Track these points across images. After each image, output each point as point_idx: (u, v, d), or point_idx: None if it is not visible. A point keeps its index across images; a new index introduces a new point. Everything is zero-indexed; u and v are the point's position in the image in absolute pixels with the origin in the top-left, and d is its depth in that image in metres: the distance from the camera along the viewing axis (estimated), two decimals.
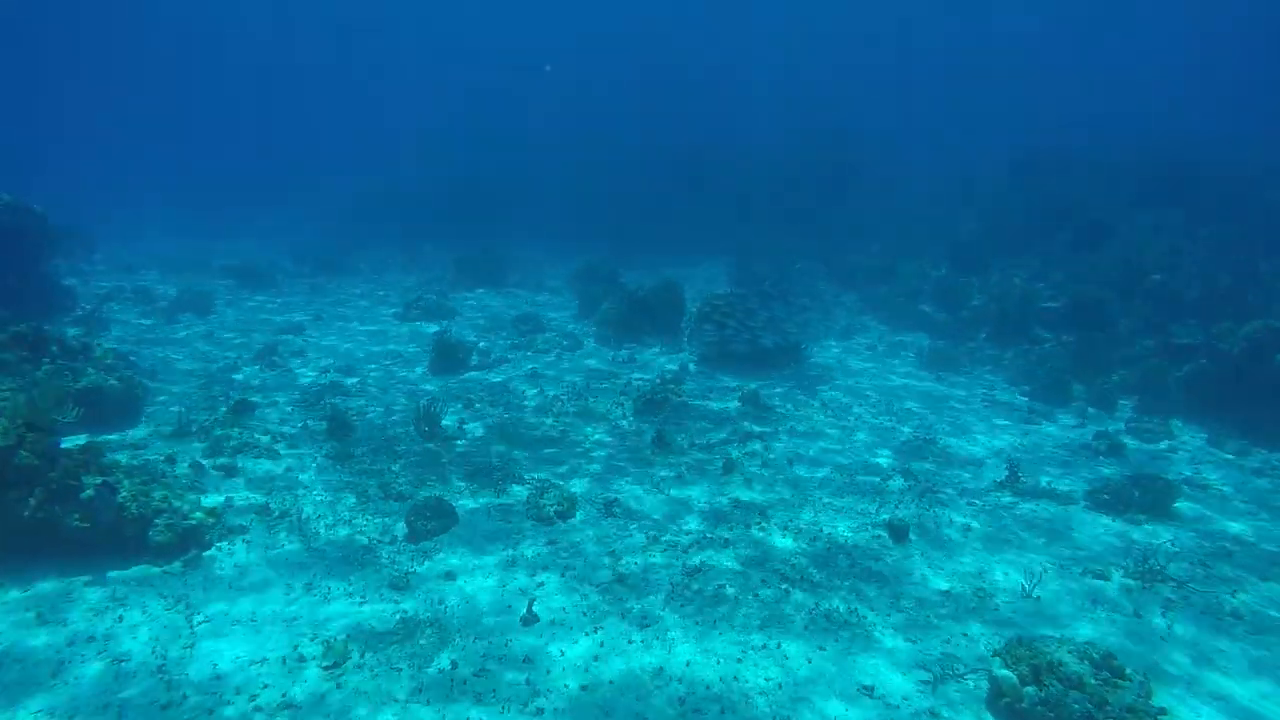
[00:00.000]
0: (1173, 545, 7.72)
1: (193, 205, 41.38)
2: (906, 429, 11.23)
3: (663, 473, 9.26)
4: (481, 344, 15.15)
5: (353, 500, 8.11)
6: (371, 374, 12.95)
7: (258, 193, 45.63)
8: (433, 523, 7.58)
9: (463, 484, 8.64)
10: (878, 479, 9.24)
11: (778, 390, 12.92)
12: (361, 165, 48.19)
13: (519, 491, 8.52)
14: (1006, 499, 8.86)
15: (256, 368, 12.91)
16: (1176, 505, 8.59)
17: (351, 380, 12.44)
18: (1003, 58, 64.80)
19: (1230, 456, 10.68)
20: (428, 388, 12.26)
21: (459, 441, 9.98)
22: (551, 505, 8.05)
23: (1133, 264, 16.27)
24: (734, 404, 12.00)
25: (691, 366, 14.19)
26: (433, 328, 16.50)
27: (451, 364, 13.25)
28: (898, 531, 7.64)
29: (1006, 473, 9.36)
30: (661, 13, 64.69)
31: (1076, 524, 8.24)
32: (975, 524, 8.10)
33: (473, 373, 13.26)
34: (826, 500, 8.57)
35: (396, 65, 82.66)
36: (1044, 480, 9.43)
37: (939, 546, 7.55)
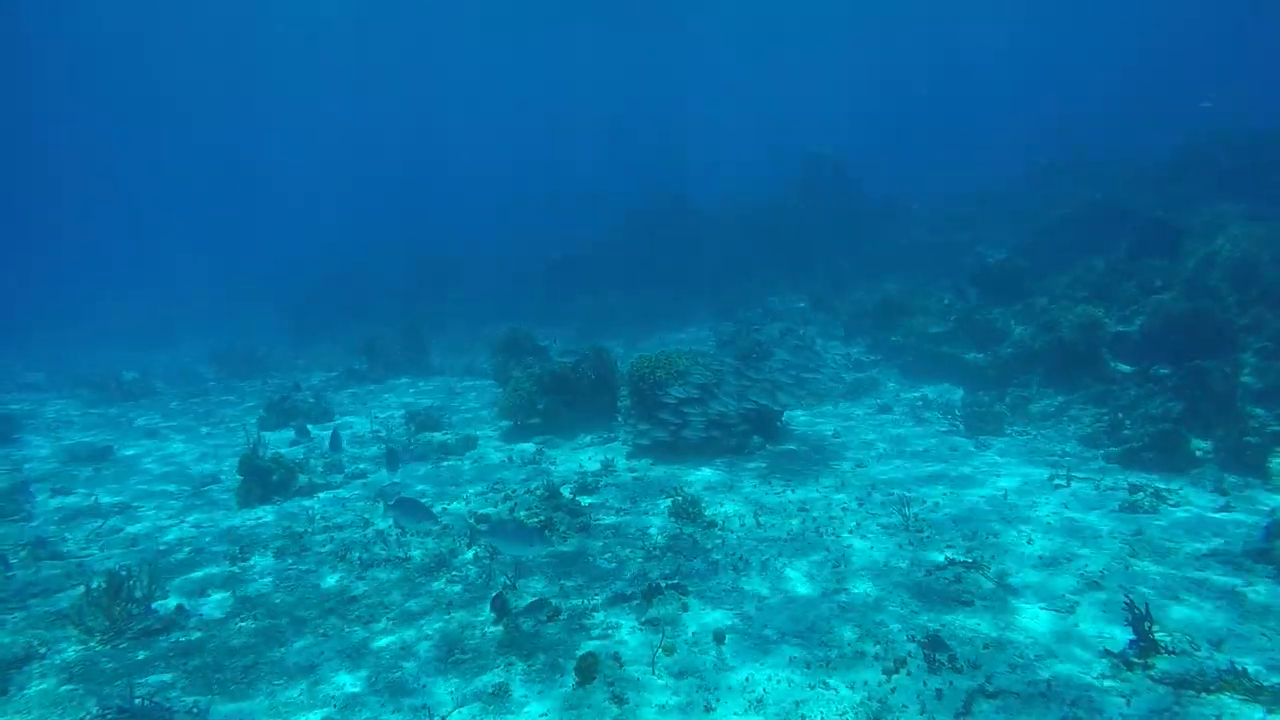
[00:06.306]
0: None
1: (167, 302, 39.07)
2: (937, 547, 6.79)
3: (482, 681, 4.97)
4: (349, 451, 11.19)
5: None
6: (142, 514, 8.98)
7: (241, 286, 43.30)
8: None
9: None
10: (878, 666, 4.82)
11: (735, 490, 8.61)
12: (339, 249, 45.61)
13: None
14: (1144, 700, 4.36)
15: None
16: None
17: (92, 527, 8.45)
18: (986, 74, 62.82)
19: None
20: (189, 528, 8.23)
21: (162, 639, 5.84)
22: None
23: (1236, 261, 11.82)
24: (658, 520, 7.71)
25: (621, 462, 9.97)
26: (316, 432, 12.66)
27: (268, 489, 9.25)
28: None
29: (1131, 634, 4.88)
30: (645, 61, 64.09)
31: None
32: None
33: (301, 500, 9.23)
34: None
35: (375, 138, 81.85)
36: (1204, 645, 4.91)
37: None
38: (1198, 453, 8.49)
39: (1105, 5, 57.76)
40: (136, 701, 4.54)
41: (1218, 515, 7.11)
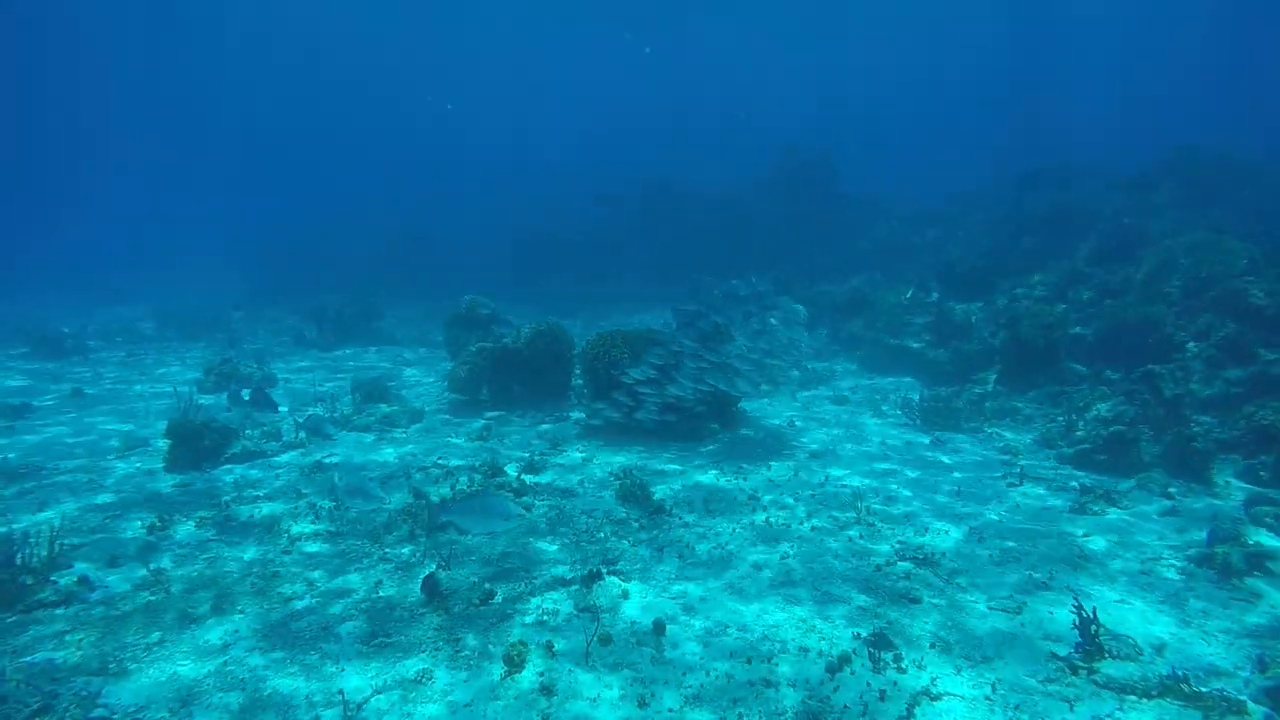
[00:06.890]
0: None
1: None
2: (888, 541, 6.68)
3: (405, 666, 4.67)
4: (288, 422, 10.68)
5: None
6: (58, 475, 8.43)
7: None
8: None
9: None
10: (821, 665, 4.65)
11: (687, 475, 8.41)
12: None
13: None
14: (1087, 706, 4.27)
15: None
16: None
17: None
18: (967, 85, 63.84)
19: None
20: (108, 494, 7.74)
21: (59, 612, 5.40)
22: None
23: (1187, 270, 11.96)
24: (605, 503, 7.47)
25: (571, 442, 9.68)
26: (250, 397, 12.08)
27: (197, 455, 8.75)
28: None
29: (1079, 638, 4.80)
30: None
31: None
32: None
33: (235, 466, 8.75)
34: None
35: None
36: (1147, 650, 4.86)
37: None
38: (1147, 457, 8.53)
39: (1103, 18, 58.74)
40: (11, 685, 4.13)
41: (1163, 519, 7.13)
